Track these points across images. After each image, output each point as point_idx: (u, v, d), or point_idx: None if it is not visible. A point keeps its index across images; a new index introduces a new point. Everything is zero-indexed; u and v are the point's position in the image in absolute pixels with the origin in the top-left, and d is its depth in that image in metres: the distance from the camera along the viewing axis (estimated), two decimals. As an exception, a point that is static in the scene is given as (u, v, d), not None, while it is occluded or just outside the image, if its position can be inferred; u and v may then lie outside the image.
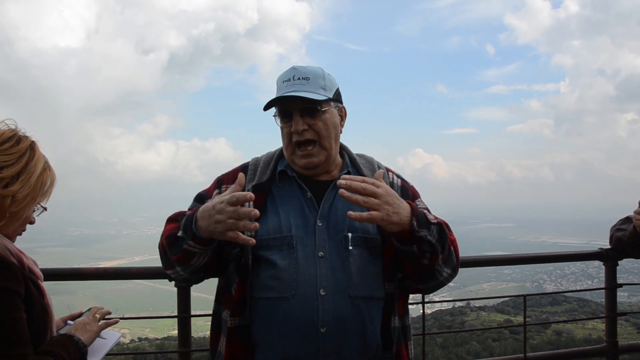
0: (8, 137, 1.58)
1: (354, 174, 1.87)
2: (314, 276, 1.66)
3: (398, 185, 1.92)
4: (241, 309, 1.70)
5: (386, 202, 1.55)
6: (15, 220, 1.59)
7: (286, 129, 1.80)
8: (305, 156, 1.79)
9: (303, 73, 1.78)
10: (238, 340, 1.69)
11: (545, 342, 17.54)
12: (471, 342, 18.06)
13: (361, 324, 1.67)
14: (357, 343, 1.67)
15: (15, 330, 1.43)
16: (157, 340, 23.02)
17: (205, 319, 2.14)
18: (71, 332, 1.66)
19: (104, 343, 1.77)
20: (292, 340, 1.64)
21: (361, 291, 1.68)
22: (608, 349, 3.32)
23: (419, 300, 3.04)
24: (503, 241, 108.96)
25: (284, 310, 1.65)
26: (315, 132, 1.79)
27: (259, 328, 1.69)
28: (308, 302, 1.64)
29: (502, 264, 3.60)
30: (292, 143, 1.80)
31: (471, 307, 25.53)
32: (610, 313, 3.36)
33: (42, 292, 1.61)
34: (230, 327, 1.71)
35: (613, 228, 3.27)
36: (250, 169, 1.89)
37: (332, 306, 1.64)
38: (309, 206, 1.78)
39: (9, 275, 1.46)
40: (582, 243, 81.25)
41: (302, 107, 1.77)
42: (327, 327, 1.63)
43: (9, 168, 1.53)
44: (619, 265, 3.32)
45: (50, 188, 1.66)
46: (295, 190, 1.82)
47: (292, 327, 1.64)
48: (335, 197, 1.79)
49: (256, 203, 1.74)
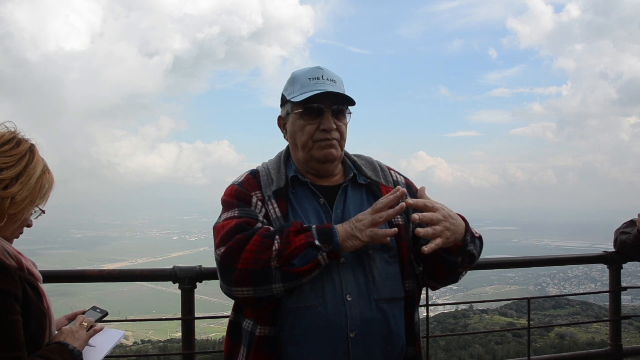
0: (8, 139, 1.58)
1: (358, 177, 1.88)
2: (339, 283, 1.67)
3: (403, 183, 1.95)
4: (273, 319, 1.69)
5: (446, 228, 1.60)
6: (14, 222, 1.59)
7: (311, 127, 1.79)
8: (327, 147, 1.79)
9: (330, 75, 1.81)
10: (265, 350, 1.68)
11: (549, 345, 17.47)
12: (474, 345, 18.01)
13: (387, 326, 1.70)
14: (385, 345, 1.70)
15: (10, 334, 1.42)
16: (160, 343, 22.97)
17: (208, 321, 2.15)
18: (60, 339, 1.64)
19: (104, 345, 1.76)
20: (322, 347, 1.65)
21: (384, 294, 1.71)
22: (612, 352, 3.31)
23: (422, 303, 3.04)
24: (506, 244, 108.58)
25: (312, 318, 1.65)
26: (340, 133, 1.82)
27: (288, 338, 1.68)
28: (336, 308, 1.65)
29: (506, 266, 3.60)
30: (314, 139, 1.80)
31: (474, 310, 25.49)
32: (614, 316, 3.35)
33: (40, 294, 1.60)
34: (258, 337, 1.69)
35: (617, 231, 3.26)
36: (263, 174, 1.87)
37: (358, 311, 1.66)
38: (323, 211, 1.79)
39: (5, 278, 1.45)
40: (585, 246, 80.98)
41: (333, 107, 1.79)
42: (356, 331, 1.65)
43: (9, 170, 1.53)
44: (623, 269, 3.32)
45: (48, 191, 1.66)
46: (309, 196, 1.83)
47: (322, 334, 1.65)
48: (345, 201, 1.82)
49: (280, 209, 1.75)
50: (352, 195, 1.85)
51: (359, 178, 1.88)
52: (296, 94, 1.79)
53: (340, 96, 1.78)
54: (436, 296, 46.02)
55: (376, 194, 1.83)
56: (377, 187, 1.87)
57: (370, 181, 1.88)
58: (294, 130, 1.84)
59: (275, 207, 1.77)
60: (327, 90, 1.74)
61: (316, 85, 1.76)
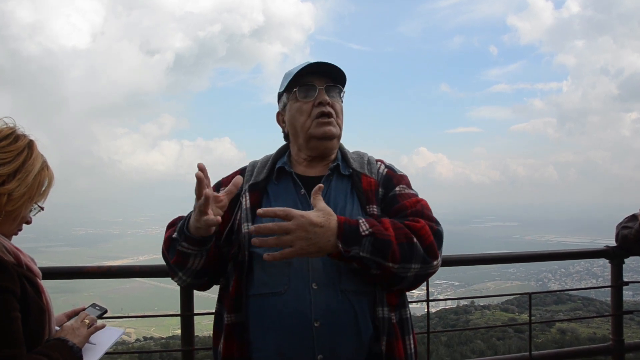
0: (6, 134, 1.55)
1: (343, 168, 1.88)
2: (306, 270, 1.65)
3: (383, 174, 1.91)
4: (237, 306, 1.70)
5: (299, 238, 1.50)
6: (12, 220, 1.56)
7: (307, 105, 1.83)
8: (325, 124, 1.82)
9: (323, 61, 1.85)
10: (235, 337, 1.69)
11: (550, 341, 17.49)
12: (475, 340, 18.02)
13: (354, 318, 1.64)
14: (351, 337, 1.64)
15: (9, 331, 1.40)
16: (162, 340, 23.06)
17: (209, 317, 2.14)
18: (61, 336, 1.63)
19: (98, 345, 1.75)
20: (286, 335, 1.63)
21: (351, 285, 1.66)
22: (614, 347, 3.31)
23: (423, 299, 3.04)
24: (507, 240, 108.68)
25: (277, 305, 1.64)
26: (335, 111, 1.85)
27: (254, 325, 1.68)
28: (300, 296, 1.63)
29: (507, 262, 3.55)
30: (312, 116, 1.82)
31: (475, 305, 25.48)
32: (616, 311, 3.34)
33: (39, 291, 1.58)
34: (227, 325, 1.71)
35: (619, 226, 3.26)
36: (248, 169, 1.93)
37: (324, 300, 1.62)
38: (302, 202, 1.78)
39: (3, 275, 1.43)
40: (587, 242, 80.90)
41: (327, 85, 1.84)
42: (321, 321, 1.62)
43: (6, 166, 1.50)
44: (625, 264, 3.31)
45: (48, 188, 1.62)
46: (290, 187, 1.83)
47: (286, 322, 1.63)
48: (327, 193, 1.80)
49: (252, 202, 1.78)
50: (335, 186, 1.83)
51: (343, 169, 1.87)
52: (289, 78, 1.85)
53: (333, 73, 1.84)
54: (437, 292, 46.11)
55: (357, 185, 1.82)
56: (358, 178, 1.85)
57: (353, 172, 1.87)
58: (292, 115, 1.87)
59: (247, 199, 1.80)
60: (318, 61, 1.81)
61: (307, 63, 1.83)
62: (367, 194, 1.80)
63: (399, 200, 1.80)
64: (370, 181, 1.84)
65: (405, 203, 1.78)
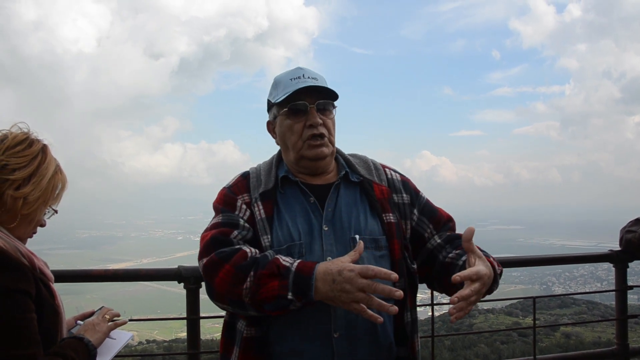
0: (21, 139, 1.58)
1: (351, 174, 1.87)
2: None
3: (398, 180, 1.93)
4: (259, 319, 1.68)
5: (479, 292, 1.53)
6: (27, 223, 1.60)
7: (298, 125, 1.79)
8: (318, 146, 1.79)
9: (311, 73, 1.81)
10: (253, 350, 1.69)
11: (554, 345, 17.39)
12: (480, 344, 17.94)
13: (373, 326, 1.66)
14: (370, 345, 1.67)
15: (26, 331, 1.43)
16: (165, 343, 23.04)
17: (213, 321, 2.15)
18: (81, 333, 1.67)
19: (114, 343, 1.78)
20: (306, 347, 1.64)
21: None
22: (619, 351, 3.30)
23: (427, 303, 3.03)
24: (511, 243, 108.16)
25: (298, 318, 1.64)
26: (327, 128, 1.81)
27: (274, 337, 1.68)
28: (320, 308, 1.61)
29: (511, 266, 3.51)
30: (303, 138, 1.79)
31: (479, 309, 25.35)
32: (621, 315, 3.34)
33: (52, 294, 1.61)
34: (246, 337, 1.70)
35: (623, 230, 3.26)
36: (253, 177, 1.87)
37: (343, 311, 1.62)
38: (313, 211, 1.77)
39: (20, 276, 1.46)
40: (591, 245, 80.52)
41: (318, 102, 1.79)
42: (340, 332, 1.64)
43: (21, 170, 1.53)
44: (629, 268, 3.31)
45: (61, 191, 1.67)
46: (298, 196, 1.81)
47: (306, 334, 1.64)
48: (337, 200, 1.80)
49: (266, 211, 1.75)
50: (344, 193, 1.83)
51: (352, 176, 1.86)
52: (280, 96, 1.79)
53: (323, 92, 1.79)
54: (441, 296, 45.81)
55: (368, 192, 1.83)
56: (369, 185, 1.85)
57: (363, 179, 1.86)
58: (283, 132, 1.84)
59: (260, 209, 1.77)
60: (308, 85, 1.75)
61: (298, 84, 1.77)
62: (381, 202, 1.82)
63: (433, 207, 1.94)
64: (382, 189, 1.85)
65: (442, 212, 1.94)
